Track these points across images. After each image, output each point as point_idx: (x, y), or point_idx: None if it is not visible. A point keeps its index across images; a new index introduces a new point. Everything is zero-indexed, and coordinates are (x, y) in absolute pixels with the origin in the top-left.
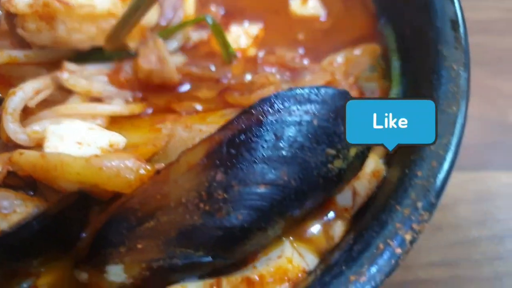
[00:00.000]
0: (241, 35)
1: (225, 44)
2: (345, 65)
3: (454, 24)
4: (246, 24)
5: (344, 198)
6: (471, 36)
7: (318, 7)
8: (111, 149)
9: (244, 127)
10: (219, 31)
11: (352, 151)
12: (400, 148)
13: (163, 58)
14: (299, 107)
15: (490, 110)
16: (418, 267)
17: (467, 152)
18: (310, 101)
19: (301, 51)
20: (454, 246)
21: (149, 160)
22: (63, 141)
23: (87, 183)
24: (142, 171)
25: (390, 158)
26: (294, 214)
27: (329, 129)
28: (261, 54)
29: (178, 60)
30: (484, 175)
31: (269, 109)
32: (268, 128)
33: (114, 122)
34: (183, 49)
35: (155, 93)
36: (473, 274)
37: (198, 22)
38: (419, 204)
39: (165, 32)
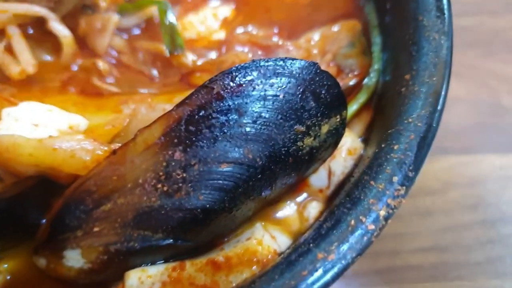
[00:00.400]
0: (208, 17)
1: (171, 34)
2: (322, 42)
3: None
4: (216, 4)
5: (319, 178)
6: (462, 17)
7: None
8: (71, 131)
9: (203, 102)
10: (164, 20)
11: (324, 128)
12: (379, 122)
13: (105, 30)
14: (263, 80)
15: (482, 92)
16: (407, 252)
17: (458, 135)
18: (275, 74)
19: (276, 30)
20: (445, 231)
21: (111, 141)
22: (18, 122)
23: (42, 166)
24: (99, 152)
25: (368, 135)
26: (263, 195)
27: (297, 103)
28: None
29: (117, 41)
30: (475, 158)
31: (231, 83)
32: (230, 103)
33: (78, 104)
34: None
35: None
36: (465, 259)
37: None
38: (395, 178)
39: (124, 6)
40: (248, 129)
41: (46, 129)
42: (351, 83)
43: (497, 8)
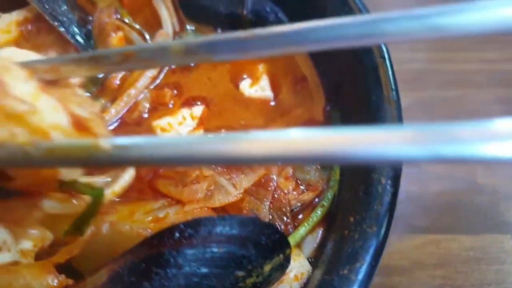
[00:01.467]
0: (187, 117)
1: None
2: None
3: None
4: (193, 106)
5: None
6: (450, 88)
7: (267, 89)
8: (35, 249)
9: (143, 256)
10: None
11: (267, 267)
12: (330, 242)
13: None
14: (204, 237)
15: (459, 168)
16: None
17: (431, 213)
18: (216, 230)
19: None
20: None
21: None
22: None
23: None
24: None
25: (319, 254)
26: None
27: (237, 254)
28: None
29: None
30: (446, 237)
31: (171, 239)
32: (170, 258)
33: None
34: None
35: None
36: None
37: None
38: None
39: None
40: (187, 281)
41: (10, 253)
42: (307, 197)
43: (484, 80)
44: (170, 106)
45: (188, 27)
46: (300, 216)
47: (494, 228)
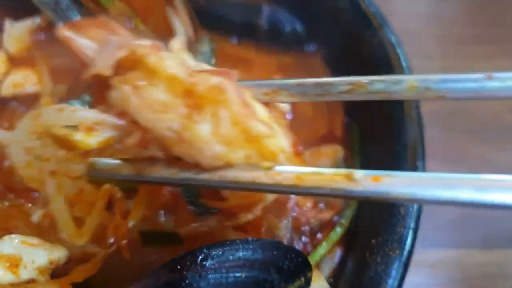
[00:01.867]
0: None
1: None
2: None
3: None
4: None
5: None
6: (458, 102)
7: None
8: (51, 266)
9: (165, 280)
10: None
11: None
12: (349, 262)
13: None
14: (226, 261)
15: None
16: None
17: (445, 228)
18: (238, 254)
19: None
20: None
21: None
22: None
23: None
24: None
25: (338, 274)
26: None
27: (259, 277)
28: None
29: None
30: (461, 253)
31: (193, 263)
32: (192, 283)
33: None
34: None
35: None
36: None
37: None
38: None
39: None
40: None
41: (26, 271)
42: (326, 216)
43: None
44: None
45: (202, 35)
46: (319, 235)
47: (509, 244)
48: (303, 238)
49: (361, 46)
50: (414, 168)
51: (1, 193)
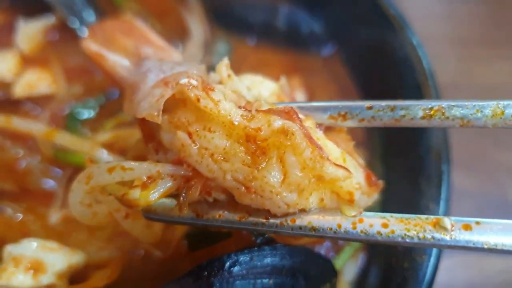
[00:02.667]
0: None
1: None
2: None
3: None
4: None
5: None
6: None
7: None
8: (70, 271)
9: (192, 286)
10: None
11: None
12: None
13: None
14: (253, 268)
15: (489, 186)
16: None
17: None
18: (266, 261)
19: None
20: None
21: None
22: (18, 268)
23: None
24: None
25: (361, 282)
26: None
27: (286, 284)
28: None
29: None
30: (477, 259)
31: (221, 269)
32: None
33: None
34: None
35: None
36: None
37: None
38: None
39: None
40: None
41: (44, 275)
42: None
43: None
44: None
45: (219, 36)
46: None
47: None
48: (326, 243)
49: (382, 47)
50: (439, 172)
51: (17, 196)
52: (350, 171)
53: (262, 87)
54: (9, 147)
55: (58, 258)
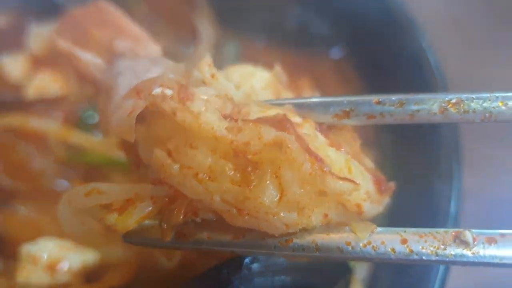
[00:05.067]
0: None
1: None
2: None
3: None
4: None
5: None
6: None
7: None
8: (85, 270)
9: (212, 284)
10: None
11: None
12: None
13: None
14: (272, 264)
15: (495, 187)
16: None
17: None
18: (283, 259)
19: None
20: None
21: None
22: (36, 265)
23: None
24: None
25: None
26: None
27: (303, 281)
28: None
29: None
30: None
31: (239, 268)
32: (238, 286)
33: None
34: None
35: None
36: None
37: None
38: None
39: None
40: None
41: (61, 274)
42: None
43: None
44: None
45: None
46: None
47: None
48: None
49: (392, 50)
50: (450, 171)
51: (31, 195)
52: (356, 182)
53: (254, 80)
54: (23, 147)
55: (73, 257)
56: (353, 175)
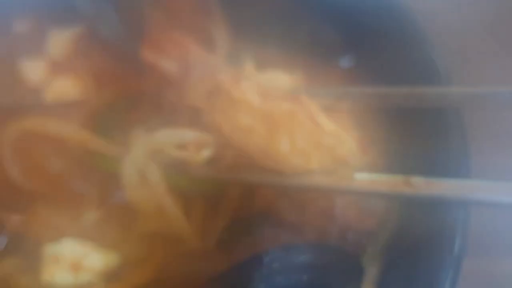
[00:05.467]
0: None
1: None
2: None
3: None
4: None
5: None
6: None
7: None
8: (107, 270)
9: (232, 283)
10: None
11: None
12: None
13: None
14: (291, 263)
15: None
16: None
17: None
18: (301, 258)
19: None
20: None
21: None
22: (59, 264)
23: None
24: None
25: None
26: None
27: (319, 281)
28: None
29: None
30: (487, 262)
31: (259, 266)
32: (258, 285)
33: None
34: None
35: None
36: None
37: None
38: None
39: None
40: None
41: (83, 274)
42: (368, 224)
43: None
44: None
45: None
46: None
47: None
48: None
49: (402, 60)
50: (458, 166)
51: (51, 197)
52: (340, 139)
53: (278, 80)
54: (42, 150)
55: (95, 257)
56: (341, 136)
